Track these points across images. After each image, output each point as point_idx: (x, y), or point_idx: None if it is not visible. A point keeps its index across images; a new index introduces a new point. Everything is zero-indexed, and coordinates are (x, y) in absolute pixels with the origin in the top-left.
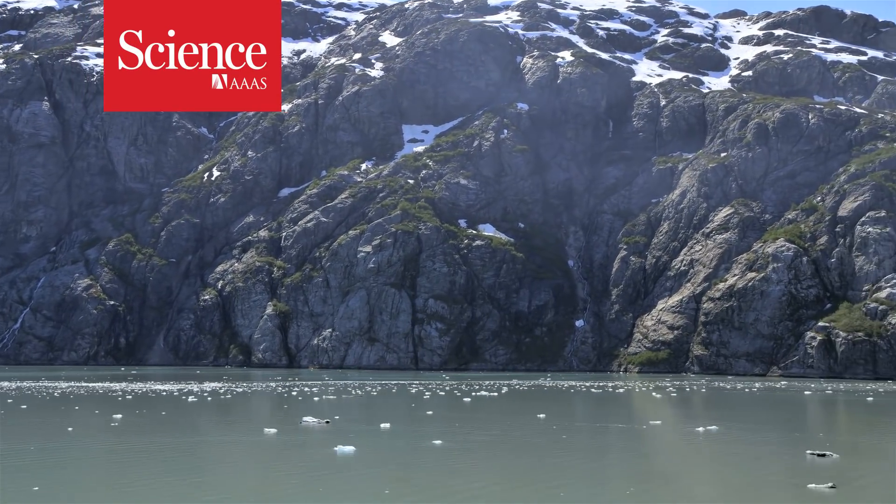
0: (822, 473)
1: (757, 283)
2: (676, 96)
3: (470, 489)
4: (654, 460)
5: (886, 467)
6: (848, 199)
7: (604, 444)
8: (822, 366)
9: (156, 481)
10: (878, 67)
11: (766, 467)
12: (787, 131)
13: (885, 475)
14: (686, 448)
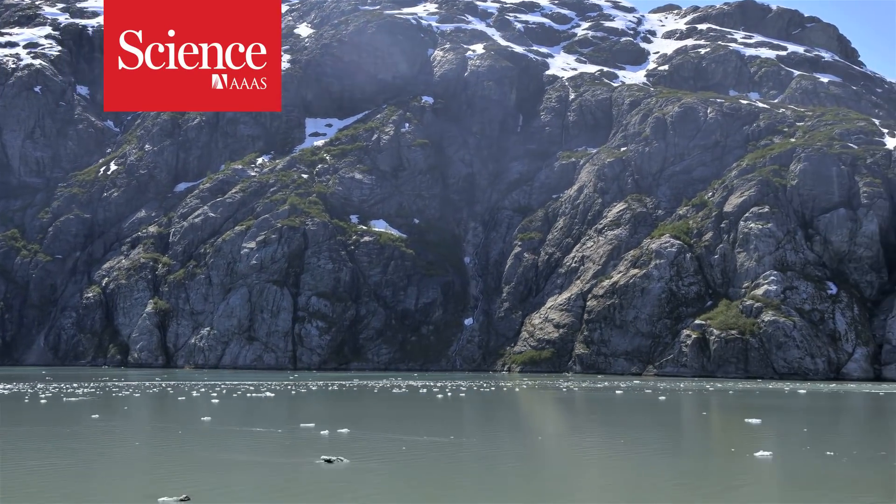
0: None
1: (638, 280)
2: (585, 90)
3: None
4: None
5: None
6: (734, 194)
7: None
8: (696, 365)
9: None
10: (796, 62)
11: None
12: (684, 126)
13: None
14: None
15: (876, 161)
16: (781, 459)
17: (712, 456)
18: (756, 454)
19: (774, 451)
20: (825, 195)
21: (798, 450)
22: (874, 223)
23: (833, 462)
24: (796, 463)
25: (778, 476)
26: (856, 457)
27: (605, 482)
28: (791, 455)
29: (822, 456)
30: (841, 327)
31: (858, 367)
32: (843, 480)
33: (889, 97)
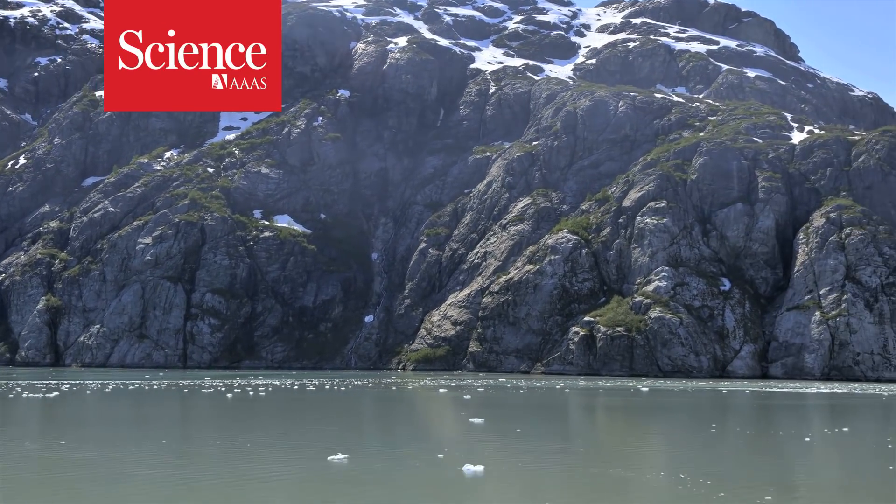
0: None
1: (531, 276)
2: (506, 84)
3: None
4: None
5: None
6: (634, 189)
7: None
8: (581, 363)
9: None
10: (726, 57)
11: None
12: (594, 120)
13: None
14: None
15: (778, 156)
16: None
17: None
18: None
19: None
20: (724, 190)
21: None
22: (770, 218)
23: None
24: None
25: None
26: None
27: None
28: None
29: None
30: (730, 324)
31: (744, 364)
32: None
33: (820, 92)
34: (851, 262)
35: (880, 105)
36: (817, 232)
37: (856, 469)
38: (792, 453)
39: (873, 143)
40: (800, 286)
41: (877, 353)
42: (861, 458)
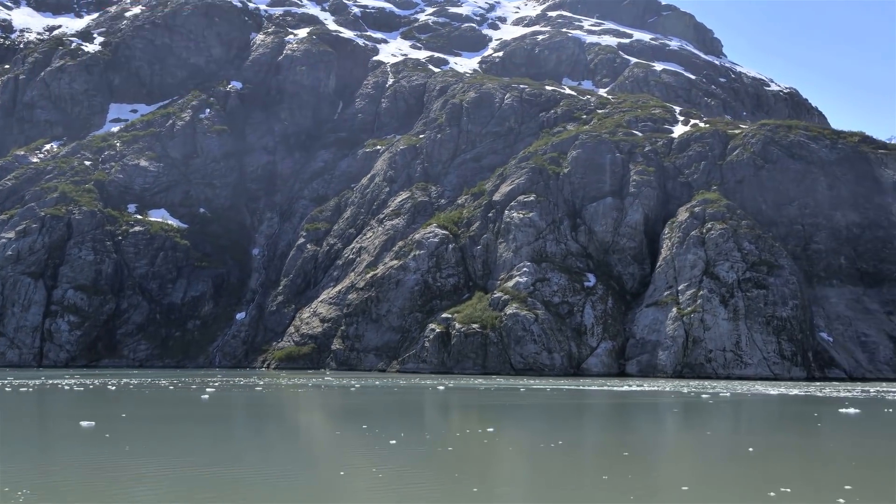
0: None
1: (395, 271)
2: (403, 77)
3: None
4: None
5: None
6: (506, 182)
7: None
8: (436, 360)
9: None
10: (637, 51)
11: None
12: (479, 112)
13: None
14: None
15: (655, 149)
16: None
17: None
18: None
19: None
20: (596, 184)
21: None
22: (639, 213)
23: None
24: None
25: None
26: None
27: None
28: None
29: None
30: (588, 321)
31: (600, 362)
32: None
33: (732, 87)
34: (711, 258)
35: (797, 100)
36: (680, 227)
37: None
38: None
39: (749, 136)
40: (660, 282)
41: (729, 351)
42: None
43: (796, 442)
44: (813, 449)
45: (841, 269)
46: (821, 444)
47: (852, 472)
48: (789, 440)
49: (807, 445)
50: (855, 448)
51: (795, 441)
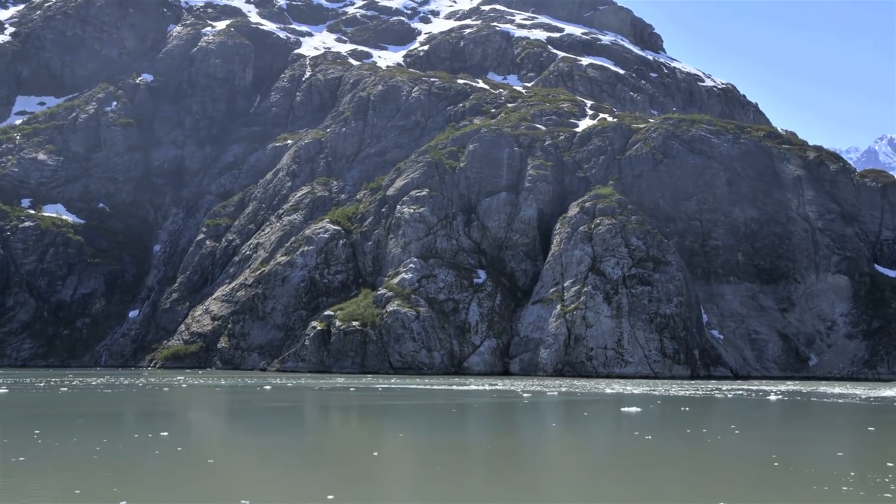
0: None
1: (281, 268)
2: (320, 70)
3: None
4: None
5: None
6: (402, 176)
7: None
8: (315, 359)
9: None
10: (567, 45)
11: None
12: (385, 105)
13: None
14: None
15: (556, 143)
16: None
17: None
18: None
19: None
20: (492, 178)
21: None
22: (533, 208)
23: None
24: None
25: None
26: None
27: None
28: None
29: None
30: (473, 319)
31: (482, 360)
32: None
33: (663, 82)
34: (598, 254)
35: (731, 96)
36: (569, 222)
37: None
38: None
39: (651, 131)
40: (547, 279)
41: (610, 348)
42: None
43: (487, 442)
44: (504, 450)
45: (738, 266)
46: (519, 445)
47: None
48: (495, 441)
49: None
50: (552, 448)
51: (487, 441)
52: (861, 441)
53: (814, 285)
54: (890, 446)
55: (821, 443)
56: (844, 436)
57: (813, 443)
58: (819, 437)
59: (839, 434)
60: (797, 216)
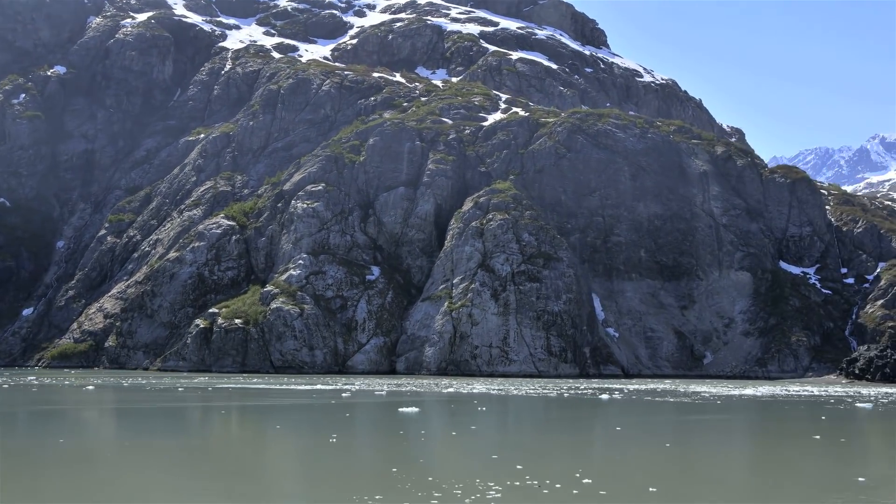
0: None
1: (170, 264)
2: (240, 63)
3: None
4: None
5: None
6: (301, 170)
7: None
8: (196, 357)
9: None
10: (500, 39)
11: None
12: (295, 99)
13: None
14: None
15: (461, 137)
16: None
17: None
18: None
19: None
20: (392, 173)
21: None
22: (430, 203)
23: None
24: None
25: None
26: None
27: None
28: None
29: None
30: (360, 316)
31: (367, 359)
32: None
33: (598, 77)
34: (488, 250)
35: (670, 91)
36: (462, 217)
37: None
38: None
39: (557, 125)
40: (438, 275)
41: (496, 347)
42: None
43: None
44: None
45: (640, 263)
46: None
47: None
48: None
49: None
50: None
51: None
52: (588, 438)
53: (716, 282)
54: (599, 445)
55: (538, 440)
56: (586, 433)
57: (530, 439)
58: (557, 434)
59: (589, 432)
60: (702, 212)
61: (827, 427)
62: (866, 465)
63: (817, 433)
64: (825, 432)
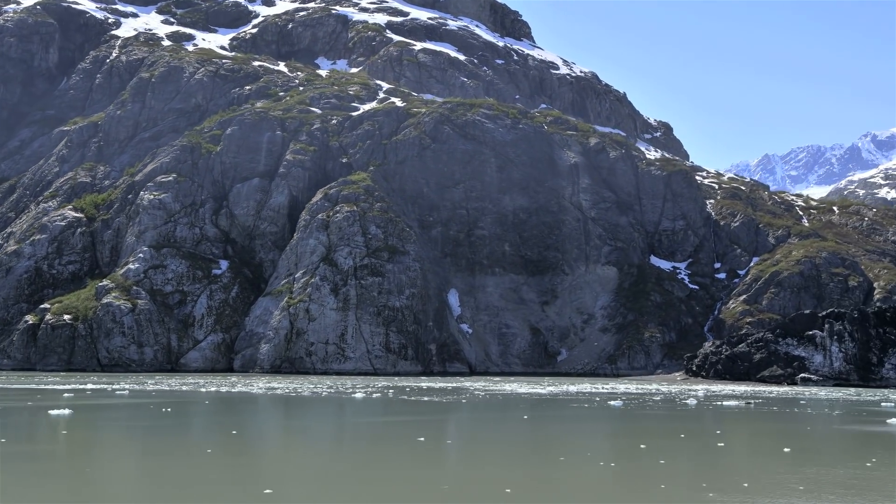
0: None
1: (7, 257)
2: (126, 52)
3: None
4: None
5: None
6: (155, 161)
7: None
8: (20, 355)
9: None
10: (408, 30)
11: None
12: (165, 87)
13: None
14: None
15: (326, 127)
16: None
17: None
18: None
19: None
20: (250, 163)
21: None
22: (284, 195)
23: None
24: None
25: None
26: None
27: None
28: None
29: None
30: (200, 312)
31: (202, 356)
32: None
33: (508, 69)
34: (333, 243)
35: (586, 84)
36: (311, 209)
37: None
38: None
39: (425, 115)
40: (283, 269)
41: (332, 343)
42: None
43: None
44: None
45: (504, 257)
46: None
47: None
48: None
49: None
50: None
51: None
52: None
53: (582, 277)
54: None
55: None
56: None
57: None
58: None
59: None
60: (570, 205)
61: (527, 424)
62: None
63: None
64: (523, 429)
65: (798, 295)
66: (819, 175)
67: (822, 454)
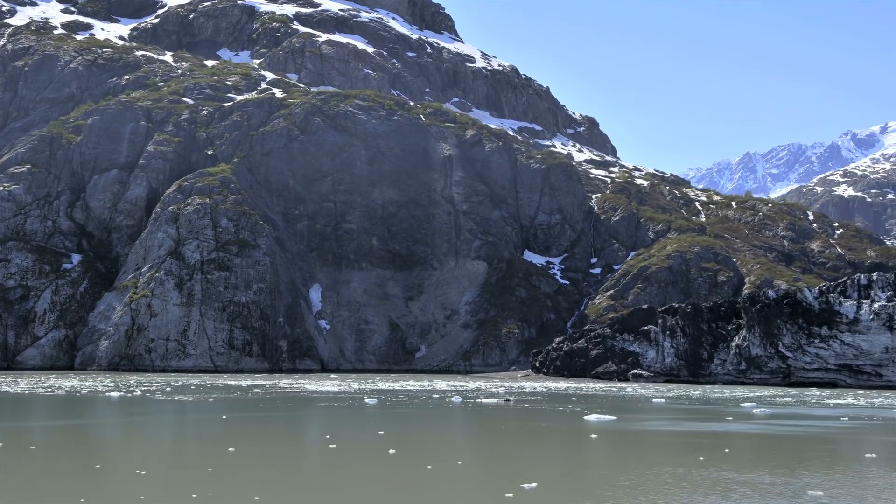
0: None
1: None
2: (12, 41)
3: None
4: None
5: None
6: (11, 151)
7: None
8: None
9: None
10: (316, 21)
11: None
12: (38, 76)
13: None
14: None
15: (195, 118)
16: None
17: None
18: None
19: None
20: (110, 154)
21: None
22: (143, 187)
23: None
24: None
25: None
26: None
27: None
28: None
29: None
30: (42, 308)
31: (41, 353)
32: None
33: (419, 62)
34: (182, 236)
35: (503, 77)
36: (163, 202)
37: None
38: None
39: (297, 106)
40: (131, 264)
41: (173, 340)
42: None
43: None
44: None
45: (372, 251)
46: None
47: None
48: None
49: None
50: None
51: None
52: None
53: (451, 272)
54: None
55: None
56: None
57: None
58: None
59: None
60: (441, 198)
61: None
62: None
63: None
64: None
65: (665, 290)
66: (799, 173)
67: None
